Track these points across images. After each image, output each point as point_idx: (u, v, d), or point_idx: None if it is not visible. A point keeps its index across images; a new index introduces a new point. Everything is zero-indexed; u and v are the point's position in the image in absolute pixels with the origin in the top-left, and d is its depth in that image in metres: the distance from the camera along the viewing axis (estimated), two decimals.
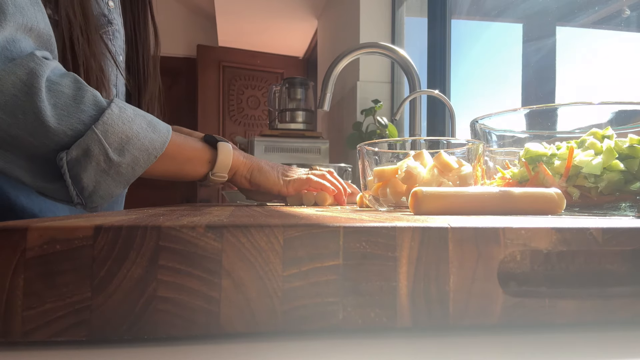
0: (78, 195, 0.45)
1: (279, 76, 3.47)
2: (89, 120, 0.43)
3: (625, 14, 0.83)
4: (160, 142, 0.49)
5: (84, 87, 0.44)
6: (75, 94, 0.43)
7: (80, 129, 0.43)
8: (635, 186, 0.35)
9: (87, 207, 0.47)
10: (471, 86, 1.32)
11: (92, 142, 0.43)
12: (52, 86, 0.42)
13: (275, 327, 0.19)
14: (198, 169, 0.58)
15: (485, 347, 0.19)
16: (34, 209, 0.53)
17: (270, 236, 0.18)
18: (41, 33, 0.45)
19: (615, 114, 0.39)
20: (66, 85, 0.43)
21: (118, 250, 0.18)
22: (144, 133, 0.47)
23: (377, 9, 1.68)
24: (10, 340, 0.17)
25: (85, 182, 0.45)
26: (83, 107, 0.43)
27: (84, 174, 0.44)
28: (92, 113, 0.44)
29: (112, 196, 0.47)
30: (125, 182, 0.47)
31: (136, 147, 0.46)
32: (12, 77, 0.40)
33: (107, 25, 0.60)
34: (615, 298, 0.21)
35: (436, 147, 0.46)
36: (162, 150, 0.49)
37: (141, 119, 0.48)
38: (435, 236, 0.19)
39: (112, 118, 0.44)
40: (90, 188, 0.45)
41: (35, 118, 0.41)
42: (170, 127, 0.52)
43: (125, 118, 0.46)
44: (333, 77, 1.03)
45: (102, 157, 0.44)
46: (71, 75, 0.44)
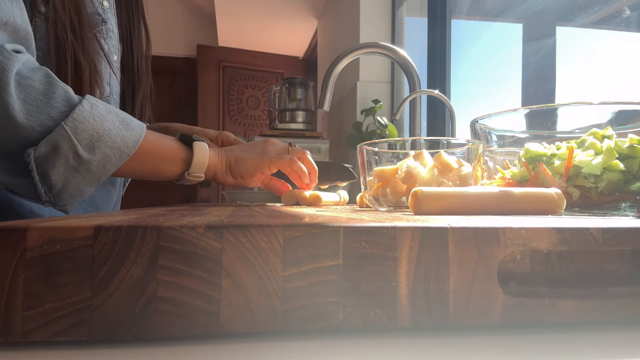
0: (46, 192, 0.44)
1: (279, 76, 3.47)
2: (59, 116, 0.42)
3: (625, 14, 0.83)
4: (133, 141, 0.48)
5: (55, 82, 0.43)
6: (45, 89, 0.42)
7: (49, 124, 0.42)
8: (635, 186, 0.35)
9: (56, 205, 0.46)
10: (471, 86, 1.32)
11: (60, 139, 0.42)
12: (22, 80, 0.41)
13: (275, 327, 0.19)
14: (173, 169, 0.56)
15: (485, 347, 0.19)
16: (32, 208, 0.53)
17: (270, 236, 0.18)
18: (17, 28, 0.45)
19: (615, 114, 0.39)
20: (37, 79, 0.42)
21: (118, 250, 0.18)
22: (116, 131, 0.46)
23: (377, 9, 1.68)
24: (10, 340, 0.17)
25: (54, 180, 0.44)
26: (53, 103, 0.42)
27: (53, 171, 0.43)
28: (62, 109, 0.43)
29: (82, 194, 0.47)
30: (96, 180, 0.46)
31: (107, 145, 0.45)
32: None
33: (101, 24, 0.60)
34: (615, 298, 0.21)
35: (436, 147, 0.46)
36: (134, 149, 0.48)
37: (113, 117, 0.47)
38: (435, 236, 0.19)
39: (83, 114, 0.43)
40: (59, 185, 0.44)
41: (2, 112, 0.40)
42: (144, 126, 0.50)
43: (96, 115, 0.45)
44: (333, 77, 1.03)
45: (72, 154, 0.43)
46: (43, 70, 0.43)
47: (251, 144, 0.65)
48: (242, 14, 2.84)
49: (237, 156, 0.61)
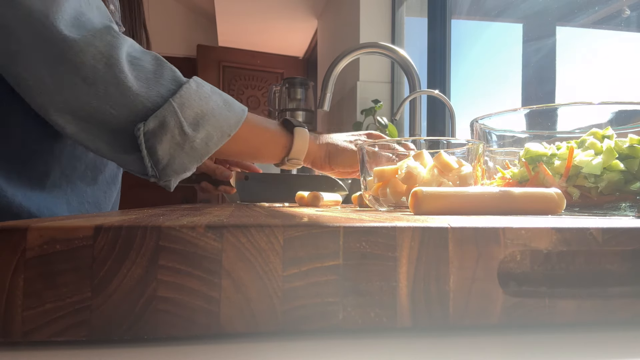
0: (153, 167, 0.46)
1: (279, 76, 3.47)
2: (167, 93, 0.44)
3: (625, 14, 0.83)
4: (234, 121, 0.49)
5: (164, 63, 0.46)
6: (155, 69, 0.45)
7: (158, 101, 0.44)
8: (635, 186, 0.35)
9: (160, 180, 0.48)
10: (471, 86, 1.32)
11: (168, 114, 0.44)
12: (133, 60, 0.43)
13: (275, 327, 0.19)
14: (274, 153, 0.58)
15: (485, 347, 0.19)
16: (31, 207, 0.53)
17: (270, 236, 0.18)
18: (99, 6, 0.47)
19: (615, 114, 0.39)
20: (147, 60, 0.45)
21: (118, 250, 0.18)
22: (219, 110, 0.48)
23: (377, 9, 1.68)
24: (10, 340, 0.17)
25: (160, 155, 0.45)
26: (162, 82, 0.45)
27: (159, 145, 0.45)
28: (170, 87, 0.45)
29: (186, 171, 0.48)
30: (199, 158, 0.48)
31: (210, 124, 0.47)
32: (91, 49, 0.41)
33: None
34: (615, 298, 0.21)
35: (436, 147, 0.46)
36: (236, 129, 0.49)
37: (218, 97, 0.48)
38: (435, 236, 0.19)
39: (190, 93, 0.45)
40: (164, 161, 0.46)
41: (116, 89, 0.42)
42: (246, 108, 0.52)
43: (202, 94, 0.46)
44: (333, 77, 1.03)
45: (177, 130, 0.45)
46: (152, 53, 0.46)
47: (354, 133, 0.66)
48: (242, 14, 2.84)
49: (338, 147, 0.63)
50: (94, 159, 0.60)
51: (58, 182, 0.56)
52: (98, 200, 0.64)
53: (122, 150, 0.46)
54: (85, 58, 0.41)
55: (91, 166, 0.60)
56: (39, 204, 0.54)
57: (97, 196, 0.64)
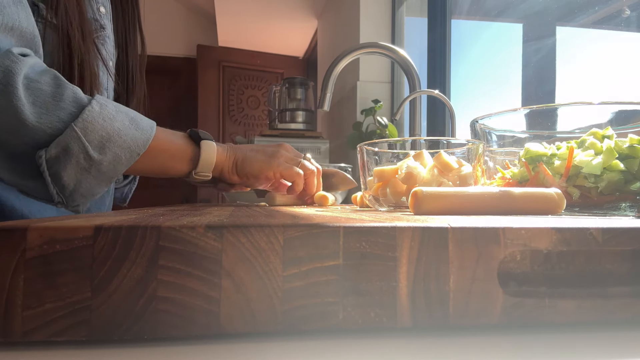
0: (58, 193, 0.45)
1: (279, 76, 3.47)
2: (69, 117, 0.43)
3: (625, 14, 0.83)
4: (143, 140, 0.48)
5: (64, 84, 0.43)
6: (54, 91, 0.42)
7: (59, 126, 0.42)
8: (635, 186, 0.35)
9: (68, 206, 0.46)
10: (471, 86, 1.32)
11: (71, 140, 0.42)
12: (30, 84, 0.41)
13: (275, 327, 0.19)
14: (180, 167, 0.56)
15: (485, 347, 0.19)
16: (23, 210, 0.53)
17: (270, 236, 0.18)
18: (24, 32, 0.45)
19: (615, 114, 0.39)
20: (45, 82, 0.42)
21: (118, 250, 0.18)
22: (126, 130, 0.46)
23: (377, 9, 1.68)
24: (10, 340, 0.17)
25: (66, 181, 0.44)
26: (62, 105, 0.42)
27: (64, 172, 0.43)
28: (71, 110, 0.43)
29: (94, 195, 0.47)
30: (107, 180, 0.46)
31: (117, 145, 0.45)
32: None
33: (100, 30, 0.60)
34: (615, 298, 0.21)
35: (436, 147, 0.46)
36: (144, 148, 0.48)
37: (123, 116, 0.47)
38: (435, 236, 0.19)
39: (93, 115, 0.43)
40: (70, 187, 0.44)
41: (12, 116, 0.40)
42: (154, 123, 0.50)
43: (106, 115, 0.45)
44: (333, 77, 1.03)
45: (82, 155, 0.43)
46: (51, 72, 0.44)
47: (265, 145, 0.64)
48: (242, 14, 2.84)
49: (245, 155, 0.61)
50: None
51: None
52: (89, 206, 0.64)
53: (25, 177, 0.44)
54: None
55: None
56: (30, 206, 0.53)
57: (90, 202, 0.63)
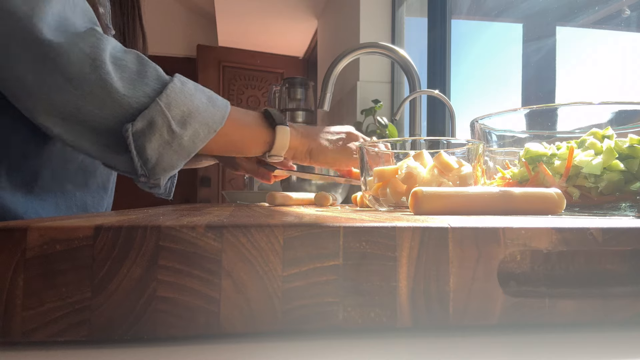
0: (142, 166, 0.47)
1: (279, 76, 3.47)
2: (153, 93, 0.45)
3: (625, 14, 0.83)
4: (219, 117, 0.50)
5: (147, 62, 0.46)
6: (139, 69, 0.45)
7: (144, 101, 0.45)
8: (635, 186, 0.35)
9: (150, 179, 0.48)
10: (471, 86, 1.32)
11: (156, 114, 0.44)
12: (116, 61, 0.44)
13: (275, 327, 0.19)
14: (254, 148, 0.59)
15: (485, 347, 0.19)
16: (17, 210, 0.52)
17: (270, 236, 0.18)
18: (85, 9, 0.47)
19: (615, 114, 0.39)
20: (130, 60, 0.45)
21: (118, 250, 0.18)
22: (204, 107, 0.49)
23: (377, 9, 1.68)
24: (10, 340, 0.17)
25: (149, 154, 0.46)
26: (147, 81, 0.45)
27: (148, 145, 0.45)
28: (155, 87, 0.46)
29: (174, 168, 0.49)
30: (186, 155, 0.48)
31: (197, 121, 0.48)
32: (76, 51, 0.42)
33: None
34: (615, 298, 0.21)
35: (436, 147, 0.46)
36: (221, 125, 0.50)
37: (201, 94, 0.49)
38: (435, 236, 0.19)
39: (175, 91, 0.46)
40: (153, 160, 0.46)
41: (103, 90, 0.42)
42: (228, 103, 0.53)
43: (187, 92, 0.47)
44: (333, 77, 1.03)
45: (166, 128, 0.45)
46: (133, 52, 0.46)
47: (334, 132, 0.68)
48: (242, 14, 2.84)
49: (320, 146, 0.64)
50: (84, 160, 0.60)
51: (48, 184, 0.56)
52: (86, 205, 0.64)
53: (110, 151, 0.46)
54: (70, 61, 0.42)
55: (82, 168, 0.60)
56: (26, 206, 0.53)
57: (85, 201, 0.63)
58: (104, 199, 0.69)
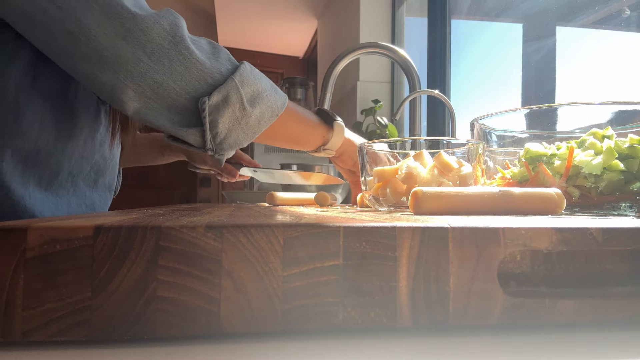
0: (211, 140, 0.48)
1: (279, 76, 3.47)
2: (227, 72, 0.48)
3: (625, 14, 0.83)
4: (281, 102, 0.53)
5: (218, 45, 0.50)
6: (213, 50, 0.49)
7: (219, 78, 0.47)
8: (635, 186, 0.35)
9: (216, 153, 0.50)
10: (471, 86, 1.32)
11: (231, 89, 0.47)
12: (194, 41, 0.47)
13: (275, 327, 0.19)
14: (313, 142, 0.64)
15: (485, 347, 0.19)
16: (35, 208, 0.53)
17: (270, 236, 0.18)
18: None
19: (615, 114, 0.39)
20: (204, 42, 0.49)
21: (118, 250, 0.18)
22: (269, 91, 0.52)
23: (377, 9, 1.68)
24: (10, 340, 0.17)
25: (220, 128, 0.48)
26: (221, 61, 0.48)
27: (221, 119, 0.47)
28: (228, 66, 0.49)
29: (238, 146, 0.51)
30: (251, 134, 0.51)
31: (264, 102, 0.50)
32: (157, 26, 0.44)
33: None
34: (615, 298, 0.21)
35: (436, 147, 0.46)
36: (282, 110, 0.53)
37: (266, 80, 0.53)
38: (435, 236, 0.19)
39: (247, 72, 0.49)
40: (222, 135, 0.48)
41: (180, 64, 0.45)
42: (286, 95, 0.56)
43: (256, 74, 0.51)
44: (333, 77, 1.03)
45: (238, 104, 0.48)
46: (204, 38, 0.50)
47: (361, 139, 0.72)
48: (242, 14, 2.84)
49: (354, 146, 0.67)
50: (98, 160, 0.60)
51: (65, 182, 0.56)
52: (94, 204, 0.64)
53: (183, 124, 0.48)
54: (152, 35, 0.43)
55: (95, 168, 0.60)
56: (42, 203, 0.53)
57: (94, 200, 0.64)
58: (109, 198, 0.69)
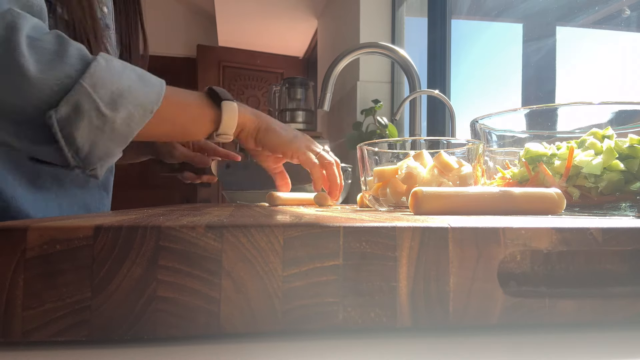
0: (74, 157, 0.43)
1: (279, 76, 3.47)
2: (76, 73, 0.40)
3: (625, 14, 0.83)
4: (154, 96, 0.45)
5: (68, 41, 0.41)
6: (58, 49, 0.40)
7: (67, 82, 0.40)
8: (635, 186, 0.35)
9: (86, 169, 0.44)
10: (471, 86, 1.32)
11: (81, 96, 0.40)
12: (33, 42, 0.39)
13: (275, 327, 0.19)
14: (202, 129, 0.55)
15: (485, 347, 0.19)
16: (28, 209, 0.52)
17: (270, 236, 0.18)
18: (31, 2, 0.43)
19: (615, 114, 0.39)
20: (48, 41, 0.40)
21: (118, 250, 0.18)
22: (136, 86, 0.44)
23: (377, 9, 1.68)
24: (10, 340, 0.17)
25: (80, 142, 0.41)
26: (67, 61, 0.40)
27: (77, 132, 0.41)
28: (77, 66, 0.41)
29: (111, 156, 0.45)
30: (123, 140, 0.44)
31: (129, 101, 0.43)
32: None
33: (105, 29, 0.60)
34: (615, 298, 0.21)
35: (436, 147, 0.46)
36: (157, 105, 0.46)
37: (130, 72, 0.45)
38: (435, 236, 0.19)
39: (101, 69, 0.41)
40: (86, 148, 0.42)
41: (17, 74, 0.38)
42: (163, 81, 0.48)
43: (113, 70, 0.42)
44: (333, 77, 1.03)
45: (94, 112, 0.41)
46: (54, 32, 0.41)
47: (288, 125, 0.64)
48: (242, 14, 2.84)
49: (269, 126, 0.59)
50: None
51: (48, 183, 0.55)
52: (87, 205, 0.63)
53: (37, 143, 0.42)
54: None
55: None
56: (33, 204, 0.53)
57: (86, 200, 0.63)
58: (105, 198, 0.69)
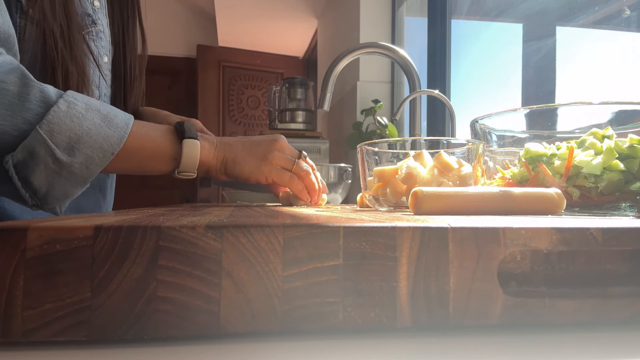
0: (32, 197, 0.43)
1: (279, 76, 3.47)
2: (35, 118, 0.41)
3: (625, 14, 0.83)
4: (116, 139, 0.45)
5: (30, 83, 0.41)
6: (20, 91, 0.40)
7: (25, 128, 0.40)
8: (635, 186, 0.35)
9: (44, 208, 0.45)
10: (471, 86, 1.32)
11: (36, 144, 0.40)
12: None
13: (275, 327, 0.19)
14: (161, 167, 0.53)
15: (485, 347, 0.19)
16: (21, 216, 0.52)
17: (270, 236, 0.18)
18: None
19: (615, 114, 0.39)
20: (11, 82, 0.40)
21: (118, 250, 0.18)
22: (97, 129, 0.44)
23: (377, 9, 1.68)
24: (10, 340, 0.17)
25: (37, 185, 0.42)
26: (28, 105, 0.40)
27: (33, 176, 0.42)
28: (38, 111, 0.41)
29: (69, 197, 0.45)
30: (82, 182, 0.45)
31: (88, 146, 0.43)
32: None
33: (91, 25, 0.58)
34: (615, 298, 0.21)
35: (436, 147, 0.46)
36: (119, 147, 0.45)
37: (94, 114, 0.44)
38: (435, 236, 0.19)
39: (59, 116, 0.41)
40: (43, 190, 0.43)
41: None
42: (131, 119, 0.48)
43: (74, 115, 0.42)
44: (333, 77, 1.03)
45: (50, 158, 0.41)
46: (18, 70, 0.41)
47: (256, 141, 0.60)
48: (242, 14, 2.84)
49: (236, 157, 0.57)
50: None
51: None
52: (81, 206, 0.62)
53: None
54: None
55: None
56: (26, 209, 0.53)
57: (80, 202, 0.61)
58: (101, 200, 0.68)
